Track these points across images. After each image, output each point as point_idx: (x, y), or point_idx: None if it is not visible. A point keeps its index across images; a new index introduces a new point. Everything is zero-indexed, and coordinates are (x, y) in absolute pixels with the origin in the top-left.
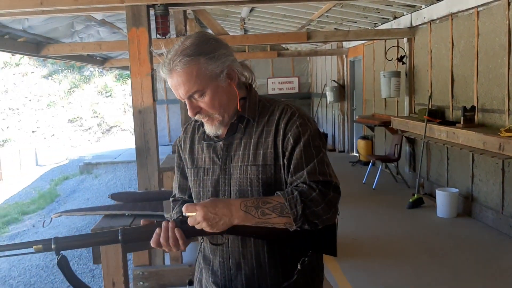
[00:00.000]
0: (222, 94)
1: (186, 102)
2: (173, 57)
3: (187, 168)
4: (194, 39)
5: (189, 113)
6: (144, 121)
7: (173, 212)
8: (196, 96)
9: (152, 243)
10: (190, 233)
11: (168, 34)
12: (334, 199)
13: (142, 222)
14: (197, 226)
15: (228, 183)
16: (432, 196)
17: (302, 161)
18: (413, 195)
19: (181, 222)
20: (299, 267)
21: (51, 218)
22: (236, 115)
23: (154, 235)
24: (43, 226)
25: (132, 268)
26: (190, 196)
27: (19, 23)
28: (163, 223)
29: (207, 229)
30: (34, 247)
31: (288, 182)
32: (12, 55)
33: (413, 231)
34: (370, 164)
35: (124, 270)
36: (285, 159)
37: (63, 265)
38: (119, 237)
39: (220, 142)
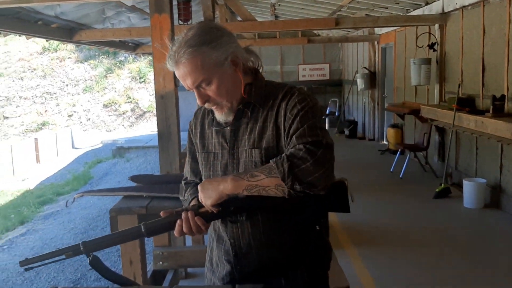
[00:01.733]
0: (228, 81)
1: (195, 91)
2: (178, 49)
3: (198, 152)
4: (196, 29)
5: (198, 102)
6: (166, 106)
7: (187, 194)
8: (203, 85)
9: (176, 233)
10: (209, 217)
11: (190, 20)
12: (324, 156)
13: (161, 213)
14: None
15: (236, 167)
16: (461, 186)
17: (296, 129)
18: (440, 184)
19: (199, 208)
20: (317, 228)
21: (74, 198)
22: (243, 101)
23: (177, 226)
24: (66, 206)
25: (152, 248)
26: (201, 179)
27: (51, 9)
28: (183, 214)
29: (203, 200)
30: (65, 254)
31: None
32: (47, 40)
33: (437, 221)
34: (398, 152)
35: (141, 249)
36: (285, 135)
37: (96, 264)
38: (143, 231)
39: (228, 128)
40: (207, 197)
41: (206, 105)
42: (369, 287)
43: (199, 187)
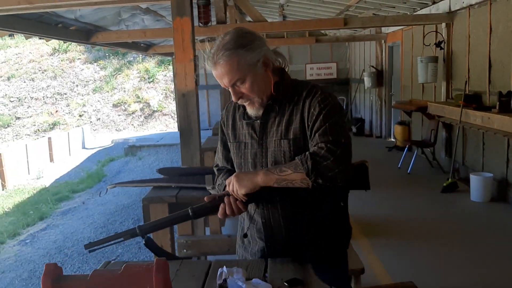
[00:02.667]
0: (260, 80)
1: (230, 89)
2: (216, 52)
3: (230, 142)
4: (232, 34)
5: (233, 99)
6: (187, 104)
7: (221, 180)
8: (238, 83)
9: (219, 215)
10: (247, 201)
11: (210, 23)
12: (343, 155)
13: (205, 198)
14: (230, 186)
15: (265, 155)
16: (468, 181)
17: (319, 127)
18: (448, 179)
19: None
20: (342, 204)
21: (107, 189)
22: (272, 97)
23: (220, 209)
24: (99, 196)
25: (177, 237)
26: (232, 166)
27: (71, 13)
28: (225, 199)
29: (236, 186)
30: (123, 237)
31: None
32: (64, 42)
33: (445, 214)
34: (406, 149)
35: (171, 235)
36: (308, 130)
37: (150, 244)
38: (190, 214)
39: (258, 121)
40: (242, 186)
41: (240, 101)
42: (380, 274)
43: (233, 177)
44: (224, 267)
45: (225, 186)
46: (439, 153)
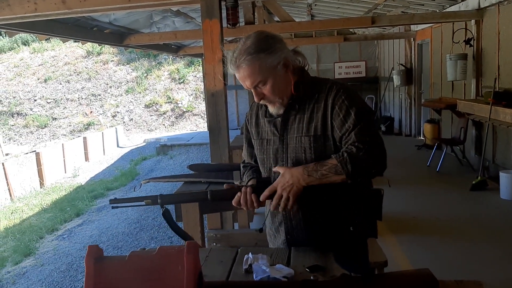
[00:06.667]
0: (280, 81)
1: (252, 91)
2: (238, 56)
3: (253, 139)
4: (253, 38)
5: (255, 99)
6: (216, 103)
7: (245, 177)
8: (260, 85)
9: (233, 202)
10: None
11: (238, 24)
12: (379, 156)
13: (225, 186)
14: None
15: (286, 151)
16: (498, 179)
17: (351, 126)
18: (477, 177)
19: (257, 188)
20: (351, 228)
21: (141, 184)
22: (292, 96)
23: (236, 197)
24: (134, 191)
25: (207, 231)
26: (256, 161)
27: (106, 17)
28: (242, 189)
29: (285, 195)
30: (145, 201)
31: (342, 145)
32: (99, 45)
33: (473, 212)
34: (435, 147)
35: (201, 228)
36: (336, 127)
37: (167, 216)
38: (208, 196)
39: (279, 118)
40: (290, 193)
41: (262, 102)
42: (406, 268)
43: (279, 185)
44: (250, 253)
45: (247, 182)
46: (469, 151)
